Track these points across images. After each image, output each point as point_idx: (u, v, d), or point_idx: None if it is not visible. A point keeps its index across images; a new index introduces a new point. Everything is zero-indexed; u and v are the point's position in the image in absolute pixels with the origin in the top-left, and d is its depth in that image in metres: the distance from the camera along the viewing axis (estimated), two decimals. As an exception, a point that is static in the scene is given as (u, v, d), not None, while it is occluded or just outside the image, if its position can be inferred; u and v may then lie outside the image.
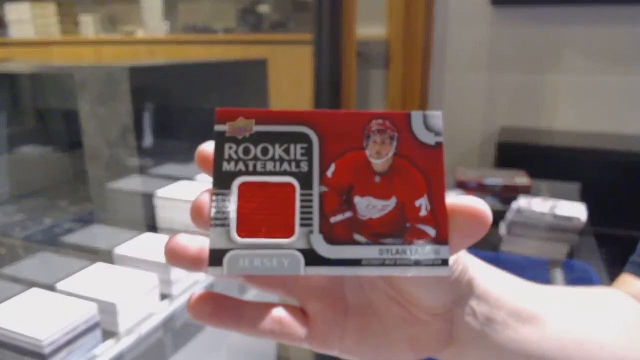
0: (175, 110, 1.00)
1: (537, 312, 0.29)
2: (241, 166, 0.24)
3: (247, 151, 0.24)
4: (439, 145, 0.25)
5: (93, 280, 0.75)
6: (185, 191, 0.94)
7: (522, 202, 1.04)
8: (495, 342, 0.27)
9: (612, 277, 0.44)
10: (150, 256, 0.81)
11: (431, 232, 0.23)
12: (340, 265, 0.22)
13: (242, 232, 0.23)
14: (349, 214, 0.23)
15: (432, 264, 0.23)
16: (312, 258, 0.22)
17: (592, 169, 1.92)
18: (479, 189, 1.37)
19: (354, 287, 0.27)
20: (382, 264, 0.22)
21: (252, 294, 0.93)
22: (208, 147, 0.26)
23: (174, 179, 1.00)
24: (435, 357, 0.28)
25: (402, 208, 0.23)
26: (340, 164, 0.23)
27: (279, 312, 0.25)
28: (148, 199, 0.92)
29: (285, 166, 0.23)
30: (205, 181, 1.02)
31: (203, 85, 1.08)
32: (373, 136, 0.24)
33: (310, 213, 0.23)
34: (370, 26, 2.48)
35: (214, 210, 0.24)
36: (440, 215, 0.23)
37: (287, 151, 0.23)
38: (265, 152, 0.24)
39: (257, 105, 1.33)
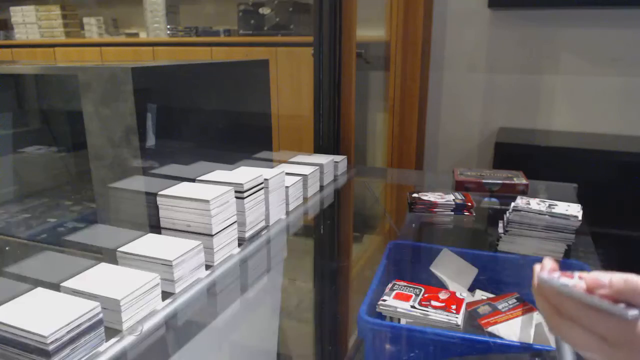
0: (178, 111, 1.01)
1: None
2: None
3: None
4: None
5: (97, 279, 0.76)
6: (188, 191, 0.95)
7: (520, 202, 1.05)
8: None
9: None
10: (152, 255, 0.82)
11: None
12: None
13: None
14: None
15: None
16: None
17: (588, 169, 1.93)
18: (478, 189, 1.39)
19: None
20: None
21: (253, 293, 0.94)
22: None
23: (177, 179, 1.01)
24: None
25: None
26: None
27: None
28: (151, 199, 0.94)
29: None
30: (206, 181, 1.03)
31: (205, 85, 1.09)
32: None
33: None
34: (370, 28, 2.49)
35: None
36: None
37: None
38: None
39: (258, 104, 1.34)
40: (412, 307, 0.72)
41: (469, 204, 1.24)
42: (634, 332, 0.41)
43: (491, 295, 0.87)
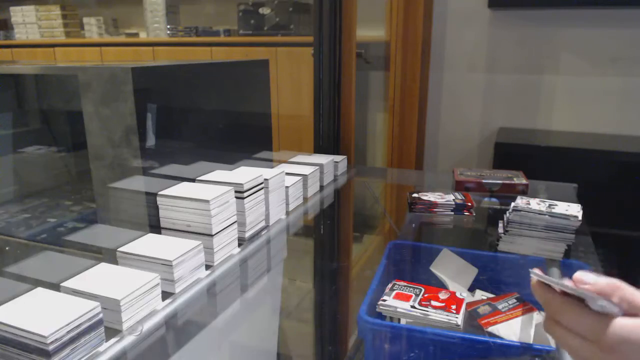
0: (178, 111, 1.01)
1: None
2: None
3: None
4: None
5: (97, 279, 0.76)
6: (188, 191, 0.95)
7: (520, 202, 1.05)
8: None
9: (607, 276, 0.47)
10: (153, 255, 0.82)
11: None
12: None
13: None
14: None
15: None
16: None
17: (588, 169, 1.93)
18: (478, 189, 1.38)
19: None
20: None
21: (253, 293, 0.94)
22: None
23: (177, 179, 1.01)
24: None
25: None
26: None
27: None
28: (151, 199, 0.94)
29: None
30: (206, 181, 1.03)
31: (205, 85, 1.09)
32: None
33: None
34: (370, 28, 2.49)
35: None
36: None
37: None
38: None
39: (258, 104, 1.34)
40: (412, 307, 0.72)
41: (469, 204, 1.24)
42: (604, 330, 0.41)
43: (491, 295, 0.87)
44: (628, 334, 0.41)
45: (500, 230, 1.04)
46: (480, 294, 0.89)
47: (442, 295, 0.75)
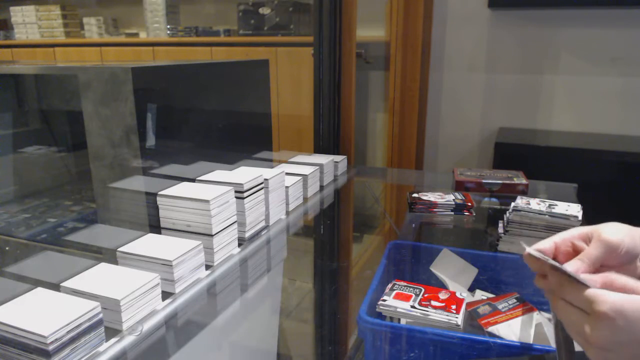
0: (178, 111, 1.01)
1: None
2: None
3: None
4: None
5: (97, 279, 0.76)
6: (188, 191, 0.95)
7: (520, 202, 1.05)
8: None
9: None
10: (153, 255, 0.82)
11: None
12: None
13: None
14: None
15: None
16: None
17: (588, 169, 1.93)
18: (478, 189, 1.38)
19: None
20: None
21: (253, 293, 0.94)
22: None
23: (177, 179, 1.01)
24: None
25: None
26: None
27: None
28: (151, 199, 0.94)
29: None
30: (206, 181, 1.03)
31: (205, 85, 1.09)
32: None
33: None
34: (370, 28, 2.49)
35: None
36: None
37: None
38: None
39: (258, 104, 1.34)
40: (412, 307, 0.72)
41: (469, 204, 1.24)
42: (597, 302, 0.45)
43: (491, 295, 0.87)
44: (621, 305, 0.44)
45: (500, 230, 1.04)
46: (480, 294, 0.89)
47: (442, 295, 0.75)
